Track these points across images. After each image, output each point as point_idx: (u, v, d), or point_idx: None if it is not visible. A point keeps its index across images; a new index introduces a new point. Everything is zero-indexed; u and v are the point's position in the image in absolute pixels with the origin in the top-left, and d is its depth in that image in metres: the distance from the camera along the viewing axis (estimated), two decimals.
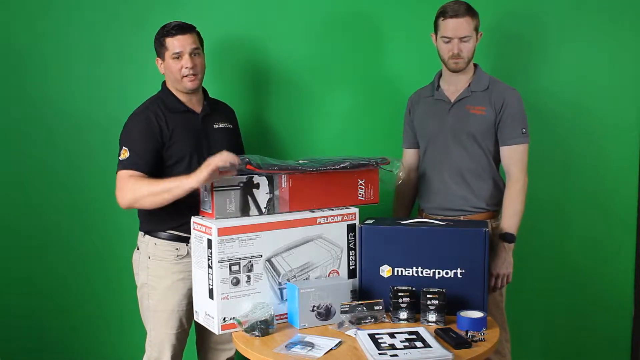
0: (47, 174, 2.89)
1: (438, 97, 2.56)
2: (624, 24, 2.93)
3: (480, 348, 1.94)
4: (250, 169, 2.13)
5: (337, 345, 1.94)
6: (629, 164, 2.99)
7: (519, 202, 2.45)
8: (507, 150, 2.47)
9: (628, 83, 2.96)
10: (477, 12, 2.45)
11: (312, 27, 2.91)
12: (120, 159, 2.27)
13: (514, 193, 2.45)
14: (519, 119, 2.46)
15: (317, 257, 2.22)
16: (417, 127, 2.63)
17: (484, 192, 2.50)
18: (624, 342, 3.09)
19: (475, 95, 2.49)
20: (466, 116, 2.48)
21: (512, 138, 2.46)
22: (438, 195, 2.54)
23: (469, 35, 2.41)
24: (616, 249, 3.04)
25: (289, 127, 2.93)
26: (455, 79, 2.52)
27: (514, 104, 2.46)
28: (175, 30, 2.32)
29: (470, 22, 2.41)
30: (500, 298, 2.53)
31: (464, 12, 2.40)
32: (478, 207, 2.50)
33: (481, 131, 2.47)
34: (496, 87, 2.49)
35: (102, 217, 2.89)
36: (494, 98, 2.46)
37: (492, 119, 2.46)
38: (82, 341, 2.97)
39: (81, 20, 2.84)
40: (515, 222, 2.44)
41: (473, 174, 2.49)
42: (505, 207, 2.46)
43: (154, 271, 2.37)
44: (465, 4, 2.43)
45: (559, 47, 2.94)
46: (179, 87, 2.36)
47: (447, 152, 2.51)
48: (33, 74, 2.86)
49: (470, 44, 2.43)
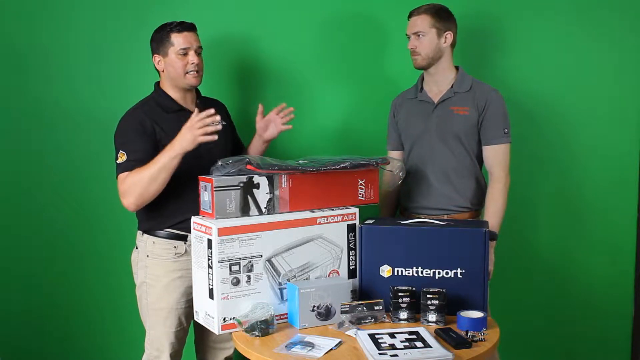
0: (46, 173, 2.90)
1: (422, 98, 2.60)
2: (622, 23, 2.93)
3: (480, 348, 1.94)
4: (250, 169, 2.14)
5: (337, 345, 1.94)
6: (629, 164, 2.99)
7: (501, 202, 2.49)
8: (489, 150, 2.52)
9: (628, 83, 2.96)
10: (446, 13, 2.52)
11: (311, 26, 2.92)
12: (118, 163, 2.28)
13: (497, 192, 2.50)
14: (502, 120, 2.51)
15: (317, 257, 2.22)
16: (402, 128, 2.66)
17: (467, 191, 2.54)
18: (624, 342, 3.09)
19: (459, 96, 2.54)
20: (450, 117, 2.52)
21: (495, 138, 2.51)
22: (423, 195, 2.57)
23: (421, 31, 2.48)
24: (616, 249, 3.04)
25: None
26: (437, 79, 2.57)
27: (497, 105, 2.51)
28: (181, 27, 2.35)
29: (426, 19, 2.49)
30: None
31: (423, 10, 2.50)
32: (462, 207, 2.54)
33: (465, 131, 2.51)
34: (479, 88, 2.54)
35: (101, 216, 2.90)
36: (477, 99, 2.51)
37: (475, 119, 2.51)
38: (81, 340, 2.97)
39: (81, 19, 2.84)
40: (497, 221, 2.48)
41: (457, 173, 2.53)
42: (488, 206, 2.51)
43: (152, 269, 2.38)
44: (433, 5, 2.53)
45: (556, 47, 2.94)
46: (180, 83, 2.37)
47: (431, 152, 2.55)
48: (33, 72, 2.86)
49: (425, 41, 2.49)
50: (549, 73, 2.96)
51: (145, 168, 2.21)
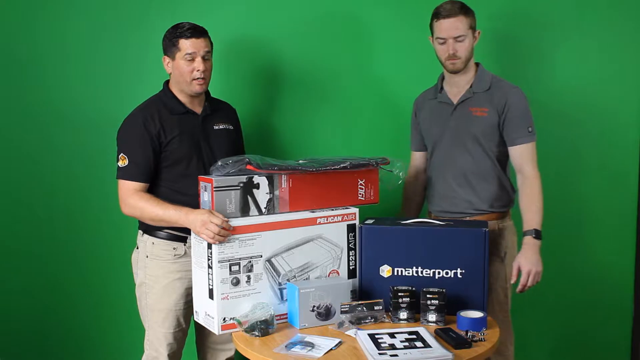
0: (45, 174, 2.89)
1: (441, 99, 2.54)
2: (625, 22, 2.93)
3: (480, 348, 1.94)
4: (250, 169, 2.14)
5: (337, 345, 1.94)
6: (629, 163, 2.99)
7: (539, 199, 2.40)
8: (516, 150, 2.44)
9: (629, 81, 2.95)
10: (472, 10, 2.42)
11: (314, 28, 2.91)
12: (120, 166, 2.29)
13: (532, 190, 2.41)
14: (524, 118, 2.43)
15: (317, 257, 2.22)
16: (423, 130, 2.62)
17: (488, 194, 2.47)
18: (624, 342, 3.08)
19: (478, 96, 2.46)
20: (469, 118, 2.46)
21: (520, 138, 2.42)
22: (443, 199, 2.52)
23: (463, 34, 2.38)
24: (616, 249, 3.04)
25: (289, 127, 2.93)
26: (457, 80, 2.50)
27: (518, 104, 2.43)
28: (190, 33, 2.32)
29: (463, 20, 2.38)
30: (506, 300, 2.49)
31: (457, 11, 2.38)
32: (483, 210, 2.47)
33: (483, 133, 2.44)
34: (498, 87, 2.46)
35: (101, 216, 2.89)
36: (496, 99, 2.43)
37: (494, 120, 2.43)
38: (81, 339, 2.97)
39: (79, 20, 2.83)
40: (540, 219, 2.39)
41: (477, 176, 2.47)
42: (528, 205, 2.40)
43: (151, 270, 2.38)
44: (459, 3, 2.41)
45: (559, 45, 2.94)
46: (185, 88, 2.36)
47: (450, 155, 2.50)
48: (30, 74, 2.85)
49: (466, 43, 2.40)
50: (549, 73, 2.95)
51: (154, 205, 2.23)
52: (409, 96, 2.75)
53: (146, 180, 2.30)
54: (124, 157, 2.29)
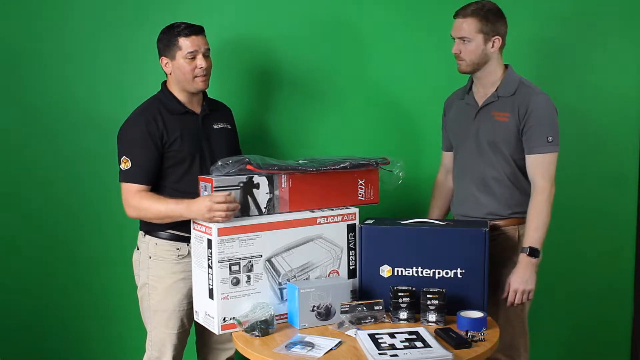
0: (45, 174, 2.89)
1: (468, 101, 2.47)
2: (626, 27, 2.93)
3: (480, 348, 1.94)
4: (250, 169, 2.14)
5: (337, 345, 1.94)
6: (629, 164, 2.99)
7: (543, 215, 2.30)
8: (531, 159, 2.33)
9: (628, 83, 2.95)
10: (496, 17, 2.33)
11: (314, 28, 2.91)
12: (122, 169, 2.29)
13: (538, 205, 2.31)
14: (545, 126, 2.31)
15: (317, 257, 2.22)
16: (449, 130, 2.57)
17: (510, 200, 2.39)
18: (624, 342, 3.09)
19: (502, 101, 2.37)
20: (490, 123, 2.38)
21: (537, 146, 2.31)
22: (465, 203, 2.47)
23: (467, 36, 2.31)
24: (616, 249, 3.04)
25: (289, 127, 2.93)
26: (482, 80, 2.41)
27: (540, 110, 2.31)
28: (189, 31, 2.32)
29: (472, 23, 2.31)
30: (522, 307, 2.42)
31: (470, 12, 2.31)
32: (504, 215, 2.40)
33: (504, 139, 2.35)
34: (522, 92, 2.35)
35: (101, 216, 2.89)
36: (518, 104, 2.33)
37: (514, 126, 2.33)
38: (82, 340, 2.97)
39: (79, 20, 2.83)
40: (539, 236, 2.30)
41: (498, 182, 2.39)
42: (530, 220, 2.31)
43: (154, 271, 2.37)
44: (478, 5, 2.33)
45: (556, 46, 2.94)
46: (188, 87, 2.36)
47: (471, 160, 2.43)
48: (30, 73, 2.85)
49: (471, 46, 2.32)
50: (549, 72, 2.95)
51: (155, 201, 2.23)
52: (407, 96, 2.75)
53: (149, 182, 2.29)
54: (126, 159, 2.29)
